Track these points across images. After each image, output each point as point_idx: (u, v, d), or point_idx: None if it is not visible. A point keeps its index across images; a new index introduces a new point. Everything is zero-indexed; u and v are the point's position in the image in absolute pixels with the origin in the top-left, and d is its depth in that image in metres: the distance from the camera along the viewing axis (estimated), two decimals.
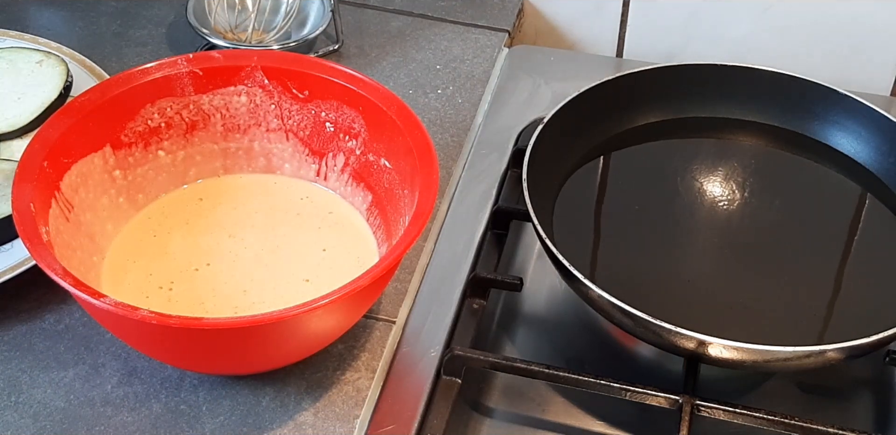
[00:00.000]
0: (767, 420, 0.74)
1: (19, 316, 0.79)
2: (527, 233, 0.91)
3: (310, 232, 0.81)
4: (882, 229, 0.85)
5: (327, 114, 0.80)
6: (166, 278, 0.77)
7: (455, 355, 0.77)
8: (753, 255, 0.83)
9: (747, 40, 1.04)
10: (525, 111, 0.97)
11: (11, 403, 0.74)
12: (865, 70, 1.03)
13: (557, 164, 0.87)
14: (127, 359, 0.76)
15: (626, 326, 0.75)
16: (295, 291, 0.76)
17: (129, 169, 0.80)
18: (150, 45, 1.00)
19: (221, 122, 0.82)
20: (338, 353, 0.77)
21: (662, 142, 0.92)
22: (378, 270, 0.67)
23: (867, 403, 0.82)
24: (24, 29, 0.95)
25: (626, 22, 1.06)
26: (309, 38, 0.97)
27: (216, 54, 0.80)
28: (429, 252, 0.86)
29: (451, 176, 0.91)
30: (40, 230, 0.68)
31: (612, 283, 0.75)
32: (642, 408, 0.77)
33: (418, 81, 0.98)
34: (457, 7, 1.05)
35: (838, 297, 0.81)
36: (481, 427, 0.79)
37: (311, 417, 0.74)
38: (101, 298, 0.64)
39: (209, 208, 0.82)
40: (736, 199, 0.87)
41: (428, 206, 0.70)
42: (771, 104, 0.91)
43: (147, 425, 0.73)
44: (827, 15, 1.00)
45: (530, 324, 0.86)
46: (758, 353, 0.71)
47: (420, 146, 0.74)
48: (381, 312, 0.80)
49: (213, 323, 0.65)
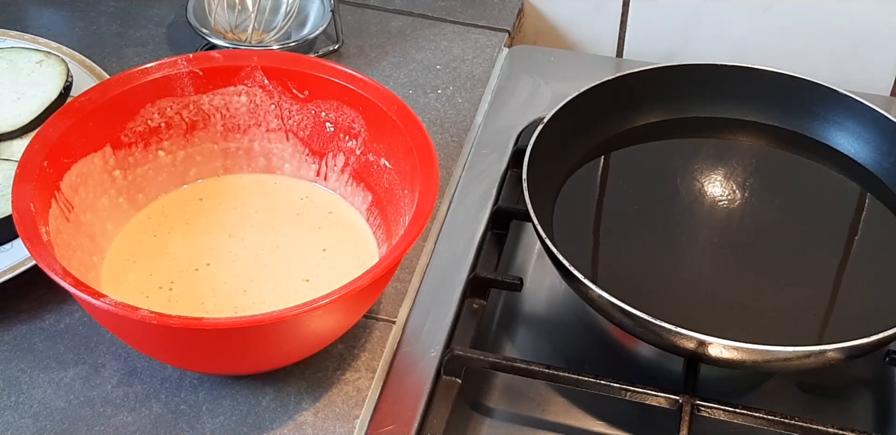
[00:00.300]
0: (767, 420, 0.74)
1: (19, 316, 0.79)
2: (527, 233, 0.91)
3: (310, 232, 0.81)
4: (882, 229, 0.85)
5: (327, 114, 0.80)
6: (166, 278, 0.77)
7: (455, 355, 0.77)
8: (753, 255, 0.83)
9: (747, 40, 1.04)
10: (525, 111, 0.97)
11: (11, 403, 0.74)
12: (865, 70, 1.03)
13: (557, 164, 0.87)
14: (127, 359, 0.76)
15: (626, 326, 0.75)
16: (295, 291, 0.76)
17: (129, 169, 0.80)
18: (150, 45, 1.00)
19: (221, 122, 0.82)
20: (338, 353, 0.77)
21: (662, 142, 0.92)
22: (378, 270, 0.67)
23: (867, 403, 0.82)
24: (24, 29, 0.95)
25: (626, 22, 1.06)
26: (309, 38, 0.97)
27: (216, 54, 0.80)
28: (429, 252, 0.86)
29: (451, 176, 0.91)
30: (40, 230, 0.68)
31: (612, 283, 0.75)
32: (642, 408, 0.77)
33: (418, 81, 0.98)
34: (457, 7, 1.05)
35: (838, 297, 0.81)
36: (481, 427, 0.79)
37: (311, 417, 0.74)
38: (101, 298, 0.64)
39: (209, 208, 0.82)
40: (736, 199, 0.87)
41: (428, 206, 0.70)
42: (771, 104, 0.91)
43: (147, 425, 0.73)
44: (827, 15, 1.00)
45: (530, 324, 0.86)
46: (758, 353, 0.71)
47: (420, 146, 0.74)
48: (381, 312, 0.80)
49: (213, 323, 0.65)
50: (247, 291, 0.76)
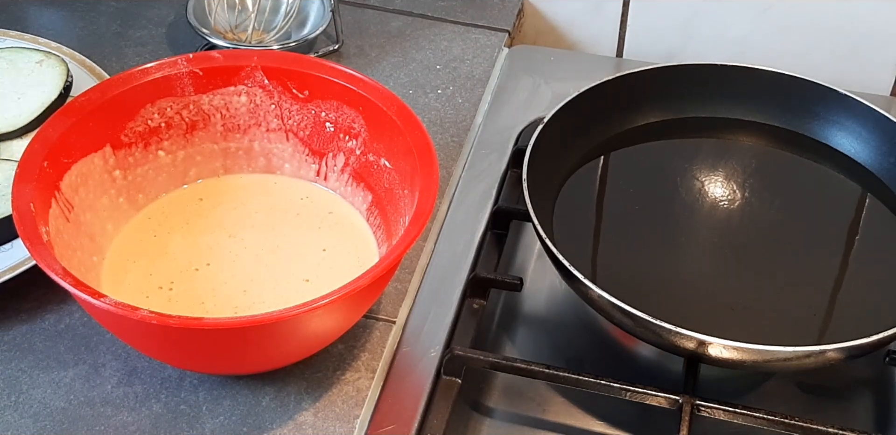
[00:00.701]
0: (767, 420, 0.74)
1: (19, 316, 0.79)
2: (527, 233, 0.91)
3: (310, 232, 0.81)
4: (882, 229, 0.85)
5: (327, 114, 0.81)
6: (166, 278, 0.77)
7: (455, 355, 0.77)
8: (753, 255, 0.83)
9: (747, 40, 1.04)
10: (525, 111, 0.97)
11: (11, 403, 0.74)
12: (865, 70, 1.03)
13: (557, 164, 0.87)
14: (127, 359, 0.76)
15: (626, 326, 0.75)
16: (295, 291, 0.76)
17: (129, 169, 0.80)
18: (150, 45, 1.00)
19: (221, 122, 0.82)
20: (338, 353, 0.77)
21: (662, 142, 0.92)
22: (378, 270, 0.67)
23: (867, 403, 0.82)
24: (24, 29, 0.95)
25: (626, 22, 1.06)
26: (309, 38, 0.97)
27: (216, 54, 0.80)
28: (429, 252, 0.86)
29: (451, 176, 0.91)
30: (40, 230, 0.68)
31: (612, 283, 0.75)
32: (642, 408, 0.77)
33: (418, 81, 0.98)
34: (457, 7, 1.05)
35: (838, 297, 0.81)
36: (481, 427, 0.79)
37: (311, 417, 0.74)
38: (101, 298, 0.64)
39: (209, 208, 0.82)
40: (736, 199, 0.87)
41: (428, 206, 0.70)
42: (771, 104, 0.91)
43: (147, 425, 0.73)
44: (827, 15, 1.00)
45: (530, 324, 0.86)
46: (758, 353, 0.71)
47: (420, 146, 0.74)
48: (381, 312, 0.80)
49: (213, 323, 0.65)
50: (247, 291, 0.76)
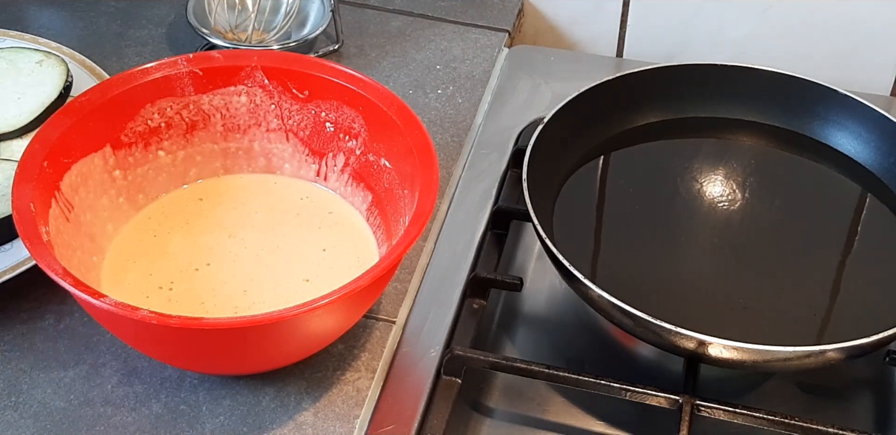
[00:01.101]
0: (767, 420, 0.74)
1: (19, 316, 0.79)
2: (527, 233, 0.91)
3: (310, 232, 0.81)
4: (882, 229, 0.85)
5: (327, 114, 0.81)
6: (166, 278, 0.77)
7: (455, 355, 0.77)
8: (753, 255, 0.83)
9: (747, 40, 1.04)
10: (525, 111, 0.97)
11: (11, 403, 0.74)
12: (865, 70, 1.03)
13: (557, 164, 0.87)
14: (127, 359, 0.76)
15: (626, 326, 0.75)
16: (295, 291, 0.76)
17: (129, 169, 0.80)
18: (150, 45, 1.00)
19: (221, 122, 0.82)
20: (338, 353, 0.77)
21: (662, 142, 0.92)
22: (378, 270, 0.67)
23: (867, 403, 0.82)
24: (24, 29, 0.95)
25: (626, 22, 1.06)
26: (309, 38, 0.97)
27: (216, 54, 0.80)
28: (429, 252, 0.86)
29: (451, 176, 0.91)
30: (40, 230, 0.68)
31: (612, 283, 0.75)
32: (642, 408, 0.77)
33: (418, 81, 0.98)
34: (457, 7, 1.05)
35: (838, 297, 0.81)
36: (481, 427, 0.79)
37: (311, 417, 0.74)
38: (101, 298, 0.64)
39: (209, 208, 0.82)
40: (736, 199, 0.87)
41: (428, 206, 0.70)
42: (771, 104, 0.91)
43: (147, 425, 0.73)
44: (827, 15, 1.00)
45: (530, 324, 0.86)
46: (758, 353, 0.71)
47: (420, 146, 0.74)
48: (381, 312, 0.80)
49: (213, 323, 0.65)
50: (247, 291, 0.76)
